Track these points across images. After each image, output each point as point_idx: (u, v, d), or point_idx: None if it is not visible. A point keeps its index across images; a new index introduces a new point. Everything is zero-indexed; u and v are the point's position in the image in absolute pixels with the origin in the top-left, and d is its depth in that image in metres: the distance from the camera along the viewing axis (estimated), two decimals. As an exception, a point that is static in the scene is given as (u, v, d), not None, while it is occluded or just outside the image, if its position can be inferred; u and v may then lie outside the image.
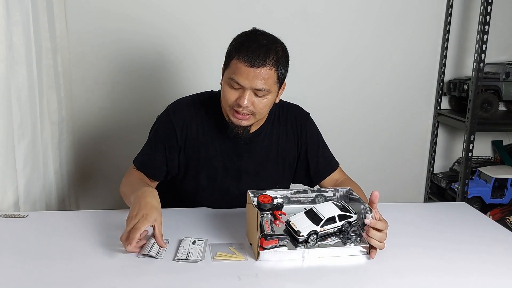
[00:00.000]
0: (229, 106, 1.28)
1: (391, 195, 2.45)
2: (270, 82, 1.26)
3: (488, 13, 2.01)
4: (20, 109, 1.51)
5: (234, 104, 1.27)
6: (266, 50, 1.24)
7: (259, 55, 1.23)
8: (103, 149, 2.21)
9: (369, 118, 2.38)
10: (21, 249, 1.11)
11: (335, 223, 1.13)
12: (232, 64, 1.26)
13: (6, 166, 1.43)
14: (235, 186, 1.42)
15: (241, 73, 1.23)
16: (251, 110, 1.27)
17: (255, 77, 1.23)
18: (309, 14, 2.21)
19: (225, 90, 1.28)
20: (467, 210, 1.48)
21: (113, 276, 1.00)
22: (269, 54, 1.24)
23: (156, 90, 2.17)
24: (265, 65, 1.23)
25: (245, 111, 1.27)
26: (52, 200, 1.83)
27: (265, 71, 1.23)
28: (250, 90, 1.25)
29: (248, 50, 1.23)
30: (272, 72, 1.25)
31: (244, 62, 1.23)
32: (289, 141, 1.45)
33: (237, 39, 1.29)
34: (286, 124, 1.45)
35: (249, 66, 1.22)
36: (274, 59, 1.25)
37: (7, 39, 1.39)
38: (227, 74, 1.28)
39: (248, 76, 1.23)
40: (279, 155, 1.45)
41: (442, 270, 1.08)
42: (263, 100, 1.27)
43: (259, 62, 1.22)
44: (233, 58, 1.25)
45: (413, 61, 2.36)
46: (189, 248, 1.11)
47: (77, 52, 2.08)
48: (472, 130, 2.11)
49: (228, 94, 1.27)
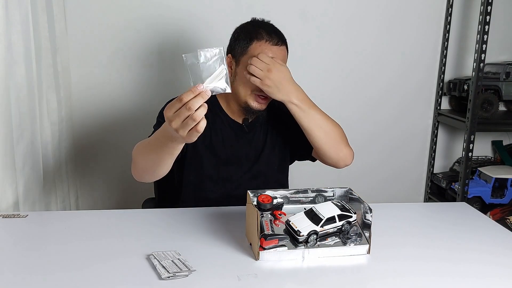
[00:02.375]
0: (252, 90, 1.33)
1: (391, 195, 2.45)
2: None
3: (488, 13, 2.01)
4: (19, 109, 1.50)
5: (257, 88, 1.30)
6: (279, 32, 1.36)
7: (278, 34, 1.34)
8: (103, 148, 2.21)
9: (369, 118, 2.38)
10: (21, 249, 1.11)
11: (335, 223, 1.13)
12: (253, 48, 1.32)
13: (6, 166, 1.43)
14: (237, 173, 1.45)
15: (268, 53, 1.30)
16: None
17: (279, 55, 1.32)
18: (309, 14, 2.21)
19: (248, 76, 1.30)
20: (467, 210, 1.48)
21: (113, 276, 1.00)
22: (282, 35, 1.36)
23: (156, 90, 2.17)
24: (284, 44, 1.35)
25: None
26: (52, 200, 1.83)
27: (284, 50, 1.35)
28: None
29: (267, 32, 1.32)
30: (286, 52, 1.37)
31: (269, 42, 1.31)
32: (281, 119, 1.48)
33: (244, 27, 1.37)
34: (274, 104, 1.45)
35: (274, 45, 1.32)
36: (285, 40, 1.36)
37: (6, 39, 1.39)
38: (247, 59, 1.31)
39: (275, 54, 1.31)
40: (274, 137, 1.49)
41: (442, 270, 1.07)
42: None
43: (281, 41, 1.34)
44: (253, 43, 1.32)
45: (413, 61, 2.35)
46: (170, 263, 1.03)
47: (76, 52, 2.08)
48: (472, 130, 2.11)
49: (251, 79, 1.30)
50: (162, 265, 1.01)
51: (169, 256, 1.06)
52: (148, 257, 1.06)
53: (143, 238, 1.17)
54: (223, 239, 1.18)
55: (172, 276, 0.98)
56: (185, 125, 0.97)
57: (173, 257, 1.05)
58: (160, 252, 1.07)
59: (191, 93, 0.95)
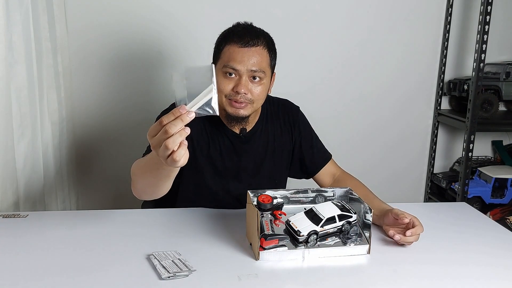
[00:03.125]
0: (225, 96, 1.27)
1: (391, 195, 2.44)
2: (264, 64, 1.27)
3: (488, 13, 2.01)
4: (20, 109, 1.51)
5: (231, 93, 1.26)
6: (255, 32, 1.27)
7: (250, 35, 1.25)
8: (103, 149, 2.21)
9: (369, 118, 2.38)
10: (21, 249, 1.11)
11: (335, 223, 1.13)
12: (223, 53, 1.26)
13: (6, 166, 1.43)
14: (235, 185, 1.42)
15: (236, 56, 1.23)
16: (249, 98, 1.27)
17: (250, 57, 1.24)
18: (309, 14, 2.21)
19: (220, 81, 1.25)
20: (467, 210, 1.48)
21: (114, 276, 1.00)
22: (259, 35, 1.27)
23: (157, 90, 2.17)
24: (258, 45, 1.25)
25: (242, 98, 1.26)
26: (52, 200, 1.83)
27: (259, 50, 1.25)
28: (246, 76, 1.25)
29: (239, 33, 1.26)
30: (265, 53, 1.27)
31: (237, 44, 1.24)
32: (284, 135, 1.47)
33: (221, 33, 1.32)
34: (279, 119, 1.46)
35: (242, 46, 1.23)
36: (265, 40, 1.28)
37: (7, 39, 1.39)
38: (219, 65, 1.28)
39: (243, 58, 1.23)
40: (275, 150, 1.46)
41: (442, 270, 1.08)
42: (259, 87, 1.28)
43: (251, 42, 1.25)
44: (224, 47, 1.26)
45: (413, 61, 2.35)
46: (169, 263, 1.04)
47: (77, 52, 2.08)
48: (472, 130, 2.11)
49: (223, 84, 1.25)
50: (162, 265, 1.01)
51: (169, 256, 1.06)
52: (148, 257, 1.06)
53: (143, 238, 1.17)
54: (223, 239, 1.18)
55: (173, 276, 0.98)
56: (162, 151, 0.87)
57: (174, 257, 1.05)
58: (160, 252, 1.07)
59: (172, 115, 0.86)
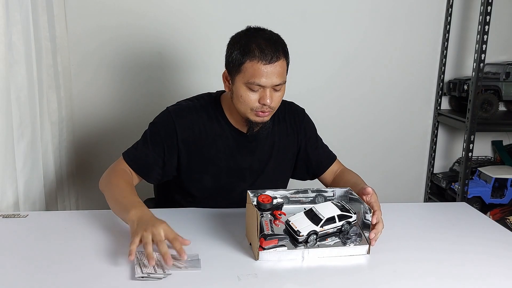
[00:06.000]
0: (250, 109, 1.29)
1: (391, 195, 2.45)
2: (284, 74, 1.30)
3: (488, 13, 2.01)
4: (20, 109, 1.51)
5: (257, 106, 1.28)
6: (274, 44, 1.26)
7: (271, 50, 1.24)
8: (103, 149, 2.21)
9: (369, 118, 2.38)
10: (21, 249, 1.11)
11: (334, 223, 1.13)
12: (246, 68, 1.25)
13: (6, 166, 1.43)
14: (239, 185, 1.42)
15: (261, 73, 1.24)
16: (273, 106, 1.30)
17: (274, 73, 1.25)
18: (309, 14, 2.21)
19: (245, 96, 1.27)
20: (467, 210, 1.48)
21: (113, 276, 1.00)
22: (278, 46, 1.26)
23: (156, 90, 2.17)
24: (279, 59, 1.26)
25: (267, 108, 1.29)
26: (52, 200, 1.83)
27: (280, 64, 1.26)
28: (270, 88, 1.26)
29: (260, 49, 1.24)
30: (284, 63, 1.29)
31: (261, 62, 1.23)
32: (289, 137, 1.47)
33: (237, 42, 1.28)
34: (285, 121, 1.47)
35: (267, 64, 1.24)
36: (282, 50, 1.28)
37: (6, 39, 1.39)
38: (242, 79, 1.26)
39: (268, 75, 1.24)
40: (280, 152, 1.46)
41: (442, 270, 1.08)
42: (279, 93, 1.30)
43: (275, 57, 1.24)
44: (246, 62, 1.24)
45: (413, 61, 2.35)
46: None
47: (77, 51, 2.08)
48: (472, 130, 2.11)
49: (249, 98, 1.27)
50: (140, 265, 1.01)
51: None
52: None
53: (143, 238, 1.17)
54: (223, 239, 1.18)
55: (146, 276, 0.97)
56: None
57: (156, 258, 1.02)
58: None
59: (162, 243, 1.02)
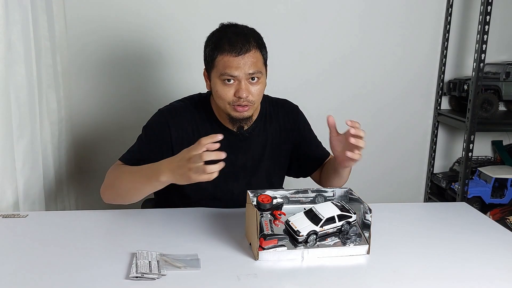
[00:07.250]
0: (228, 103, 1.30)
1: (391, 195, 2.45)
2: (259, 64, 1.31)
3: (488, 13, 2.01)
4: (19, 108, 1.50)
5: (234, 99, 1.29)
6: (244, 36, 1.29)
7: (240, 42, 1.27)
8: (103, 148, 2.20)
9: (369, 118, 2.38)
10: (20, 249, 1.11)
11: (334, 223, 1.13)
12: (218, 62, 1.29)
13: (5, 166, 1.43)
14: (233, 183, 1.42)
15: (231, 65, 1.26)
16: (251, 100, 1.30)
17: (245, 64, 1.27)
18: (309, 14, 2.21)
19: (220, 89, 1.30)
20: (467, 210, 1.48)
21: (113, 276, 1.00)
22: (249, 38, 1.29)
23: (156, 90, 2.17)
24: (250, 49, 1.28)
25: (245, 102, 1.29)
26: (52, 200, 1.83)
27: (252, 55, 1.28)
28: (245, 79, 1.28)
29: (229, 41, 1.27)
30: (258, 53, 1.30)
31: (231, 54, 1.26)
32: (282, 135, 1.48)
33: (210, 39, 1.34)
34: (278, 119, 1.48)
35: (237, 56, 1.26)
36: (255, 42, 1.30)
37: (6, 39, 1.38)
38: (215, 73, 1.30)
39: (239, 64, 1.26)
40: (273, 149, 1.47)
41: (442, 270, 1.07)
42: (258, 86, 1.31)
43: (244, 48, 1.27)
44: (217, 56, 1.29)
45: (413, 61, 2.35)
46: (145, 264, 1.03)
47: (76, 51, 2.08)
48: (472, 130, 2.11)
49: (224, 92, 1.29)
50: (136, 264, 1.01)
51: (148, 256, 1.04)
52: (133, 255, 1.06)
53: (143, 238, 1.17)
54: (222, 239, 1.18)
55: (140, 276, 0.98)
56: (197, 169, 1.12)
57: (152, 258, 1.03)
58: (143, 251, 1.06)
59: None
